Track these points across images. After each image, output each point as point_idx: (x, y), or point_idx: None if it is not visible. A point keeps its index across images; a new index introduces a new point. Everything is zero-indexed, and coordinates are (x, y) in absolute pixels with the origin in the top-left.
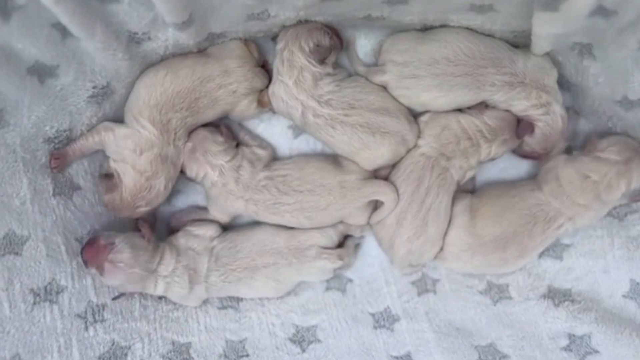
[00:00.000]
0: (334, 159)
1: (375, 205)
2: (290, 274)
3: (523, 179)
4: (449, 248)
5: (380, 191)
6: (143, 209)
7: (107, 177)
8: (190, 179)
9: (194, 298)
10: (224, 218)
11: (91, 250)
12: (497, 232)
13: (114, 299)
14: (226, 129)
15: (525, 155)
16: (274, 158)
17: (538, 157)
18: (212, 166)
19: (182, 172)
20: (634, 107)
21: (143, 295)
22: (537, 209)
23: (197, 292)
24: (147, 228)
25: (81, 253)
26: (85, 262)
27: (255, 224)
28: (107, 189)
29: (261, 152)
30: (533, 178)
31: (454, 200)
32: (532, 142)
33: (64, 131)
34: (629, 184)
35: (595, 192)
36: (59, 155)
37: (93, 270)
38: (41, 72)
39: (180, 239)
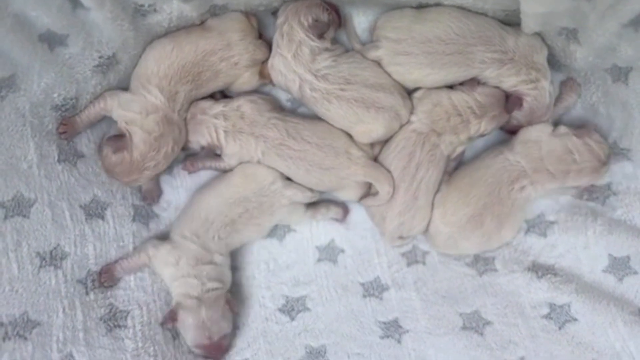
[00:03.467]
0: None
1: (370, 188)
2: (265, 214)
3: None
4: (434, 238)
5: (380, 179)
6: (149, 172)
7: (118, 137)
8: (208, 150)
9: (222, 264)
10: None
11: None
12: (469, 211)
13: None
14: (218, 94)
15: (512, 130)
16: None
17: None
18: (215, 116)
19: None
20: (620, 78)
21: (140, 269)
22: (501, 172)
23: (218, 259)
24: (168, 323)
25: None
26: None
27: (199, 191)
28: (116, 148)
29: (263, 97)
30: (494, 147)
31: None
32: (519, 116)
33: (71, 99)
34: (592, 181)
35: (568, 169)
36: (68, 122)
37: None
38: (51, 40)
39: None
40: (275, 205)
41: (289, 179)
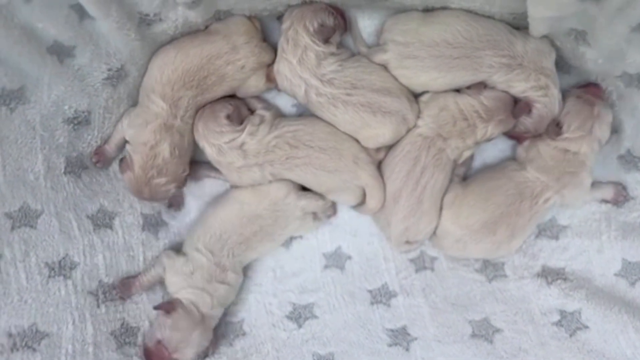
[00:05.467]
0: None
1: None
2: (281, 229)
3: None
4: (442, 241)
5: (374, 193)
6: (157, 180)
7: (122, 159)
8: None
9: (234, 285)
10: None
11: (155, 357)
12: (484, 217)
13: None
14: (236, 110)
15: (515, 136)
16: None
17: (527, 139)
18: (208, 143)
19: None
20: (632, 83)
21: (157, 284)
22: (523, 186)
23: (232, 279)
24: (162, 308)
25: None
26: None
27: (213, 205)
28: (122, 170)
29: (265, 114)
30: (513, 160)
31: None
32: (527, 122)
33: (83, 112)
34: (601, 142)
35: (578, 159)
36: (98, 151)
37: None
38: (60, 52)
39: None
40: (290, 218)
41: (303, 188)
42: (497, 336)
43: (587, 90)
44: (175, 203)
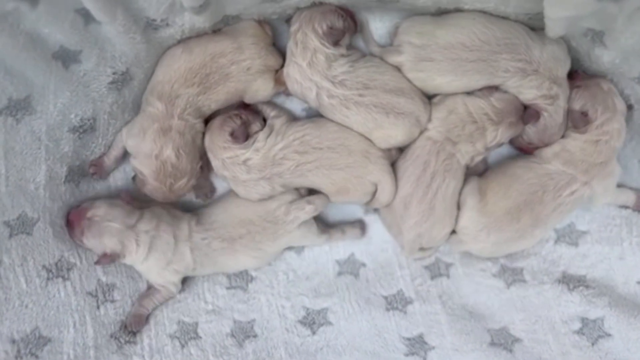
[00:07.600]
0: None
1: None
2: (268, 240)
3: None
4: (465, 231)
5: (384, 184)
6: (177, 185)
7: (135, 177)
8: None
9: (180, 261)
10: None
11: (74, 213)
12: (508, 204)
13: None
14: (244, 125)
15: (520, 147)
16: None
17: (532, 150)
18: (213, 156)
19: None
20: None
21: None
22: (546, 178)
23: (182, 252)
24: (126, 194)
25: (67, 219)
26: (70, 224)
27: (227, 196)
28: (140, 186)
29: (275, 123)
30: (532, 156)
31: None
32: (531, 132)
33: (88, 120)
34: (624, 113)
35: (610, 146)
36: (96, 163)
37: (77, 238)
38: (65, 58)
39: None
40: (279, 232)
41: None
42: (517, 345)
43: (577, 78)
44: (203, 193)
